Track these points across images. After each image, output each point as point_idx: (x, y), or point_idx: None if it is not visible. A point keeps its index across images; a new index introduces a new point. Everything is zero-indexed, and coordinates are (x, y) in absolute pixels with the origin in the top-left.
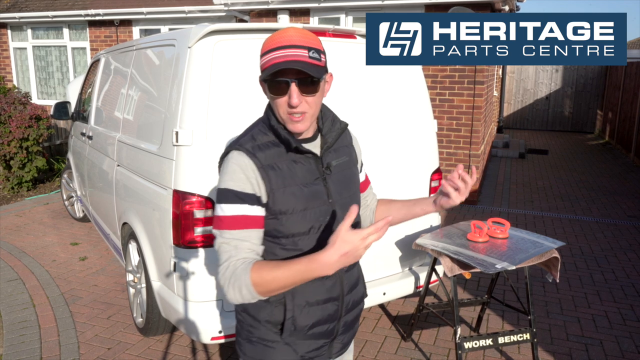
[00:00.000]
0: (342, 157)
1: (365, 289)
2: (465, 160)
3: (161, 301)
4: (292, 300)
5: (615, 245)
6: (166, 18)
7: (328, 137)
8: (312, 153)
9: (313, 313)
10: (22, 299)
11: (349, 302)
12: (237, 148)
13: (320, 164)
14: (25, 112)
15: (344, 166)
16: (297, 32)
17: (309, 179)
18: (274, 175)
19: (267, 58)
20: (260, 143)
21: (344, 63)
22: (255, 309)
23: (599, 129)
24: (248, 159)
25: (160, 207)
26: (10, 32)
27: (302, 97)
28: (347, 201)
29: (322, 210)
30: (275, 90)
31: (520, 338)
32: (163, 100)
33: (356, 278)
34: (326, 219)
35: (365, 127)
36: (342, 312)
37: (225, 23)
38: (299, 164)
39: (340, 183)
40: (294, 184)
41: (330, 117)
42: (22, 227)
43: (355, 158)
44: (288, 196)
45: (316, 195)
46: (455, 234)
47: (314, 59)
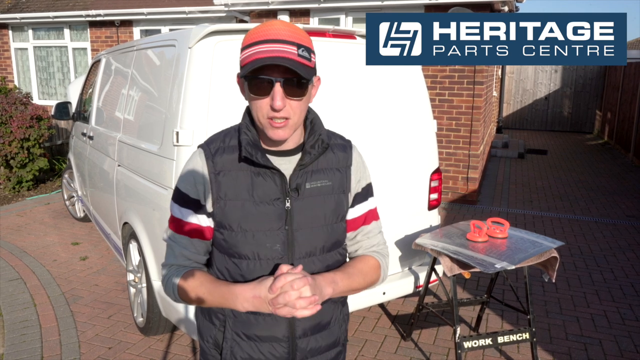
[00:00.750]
0: (322, 180)
1: (344, 336)
2: (465, 161)
3: (162, 301)
4: (231, 328)
5: (614, 245)
6: (167, 19)
7: (306, 157)
8: (275, 169)
9: (252, 348)
10: (23, 299)
11: (305, 347)
12: (201, 145)
13: (285, 183)
14: (26, 112)
15: (321, 191)
16: (285, 26)
17: (267, 197)
18: (225, 183)
19: (249, 52)
20: (227, 145)
21: (344, 63)
22: (203, 328)
23: (598, 129)
24: (203, 161)
25: (160, 207)
26: (12, 32)
27: (286, 100)
28: (314, 233)
29: (272, 236)
30: (256, 90)
31: (520, 337)
32: (163, 101)
33: (325, 322)
34: (276, 247)
35: (365, 127)
36: (295, 358)
37: (226, 23)
38: (261, 178)
39: (309, 209)
40: (241, 198)
41: (317, 133)
42: (23, 227)
43: (344, 184)
44: (231, 210)
45: (269, 217)
46: (454, 233)
47: (303, 57)
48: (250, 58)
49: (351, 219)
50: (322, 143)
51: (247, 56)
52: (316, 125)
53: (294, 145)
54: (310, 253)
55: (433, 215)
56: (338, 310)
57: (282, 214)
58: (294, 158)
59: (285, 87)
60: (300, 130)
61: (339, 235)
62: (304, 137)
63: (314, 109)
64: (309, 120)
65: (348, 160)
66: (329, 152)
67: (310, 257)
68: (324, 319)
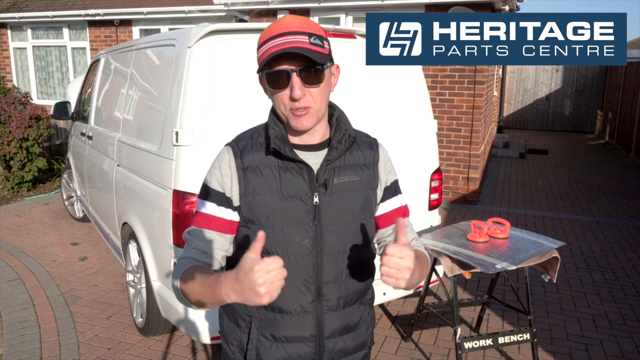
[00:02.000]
0: (350, 175)
1: (370, 338)
2: (466, 160)
3: (161, 301)
4: (256, 330)
5: (615, 245)
6: (166, 18)
7: (333, 152)
8: (304, 163)
9: (279, 350)
10: (22, 299)
11: (332, 348)
12: (229, 143)
13: (313, 178)
14: (25, 112)
15: (349, 186)
16: (295, 19)
17: (295, 192)
18: (253, 178)
19: (264, 49)
20: (255, 142)
21: (344, 63)
22: (227, 330)
23: (599, 129)
24: (231, 156)
25: (160, 207)
26: (10, 32)
27: (305, 89)
28: (343, 228)
29: (301, 232)
30: (275, 84)
31: (520, 338)
32: (163, 100)
33: (353, 323)
34: (305, 243)
35: (365, 127)
36: (322, 358)
37: (225, 23)
38: (289, 173)
39: (337, 205)
40: (270, 193)
41: (343, 129)
42: (22, 227)
43: (372, 181)
44: (259, 204)
45: (297, 212)
46: (455, 234)
47: (315, 45)
48: (265, 54)
49: (384, 213)
50: (348, 137)
51: (262, 53)
52: (342, 121)
53: (320, 140)
54: (340, 250)
55: (433, 215)
56: (366, 312)
57: (311, 209)
58: (320, 153)
59: (302, 76)
60: (326, 125)
61: (368, 231)
62: (330, 133)
63: (339, 107)
64: (335, 117)
65: (375, 156)
66: (356, 149)
67: (340, 253)
68: (353, 320)
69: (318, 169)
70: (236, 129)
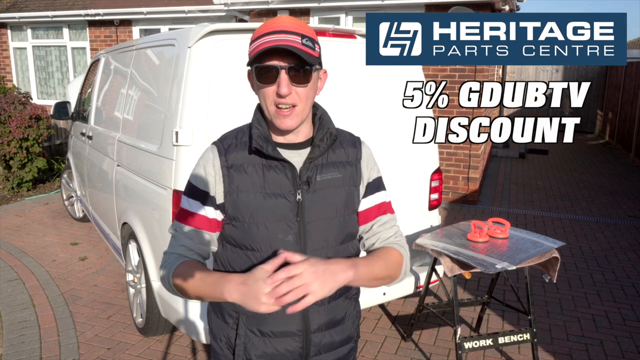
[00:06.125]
0: (332, 173)
1: (356, 332)
2: (466, 160)
3: (161, 301)
4: (244, 326)
5: (615, 245)
6: (166, 18)
7: (315, 150)
8: (287, 161)
9: (266, 344)
10: (22, 299)
11: (319, 342)
12: (214, 142)
13: (296, 175)
14: (25, 112)
15: (332, 183)
16: (289, 19)
17: (279, 189)
18: (236, 176)
19: (256, 44)
20: (240, 141)
21: (344, 63)
22: (216, 327)
23: (599, 129)
24: (215, 154)
25: (160, 207)
26: (10, 32)
27: (292, 87)
28: (327, 225)
29: (284, 228)
30: (263, 79)
31: (521, 338)
32: (163, 100)
33: (339, 317)
34: (289, 239)
35: (365, 126)
36: (309, 353)
37: (225, 23)
38: (272, 171)
39: (320, 202)
40: (253, 190)
41: (325, 127)
42: (22, 227)
43: (355, 178)
44: (242, 202)
45: (280, 209)
46: (455, 234)
47: (307, 46)
48: (256, 49)
49: (365, 209)
50: (330, 136)
51: (254, 48)
52: (324, 120)
53: (304, 139)
54: (323, 245)
55: (433, 215)
56: (352, 307)
57: (294, 206)
58: (303, 152)
59: (291, 74)
60: (309, 125)
61: (351, 227)
62: (314, 132)
63: (322, 106)
64: (318, 116)
65: (358, 154)
66: (339, 147)
67: (323, 249)
68: (338, 314)
69: (301, 167)
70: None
